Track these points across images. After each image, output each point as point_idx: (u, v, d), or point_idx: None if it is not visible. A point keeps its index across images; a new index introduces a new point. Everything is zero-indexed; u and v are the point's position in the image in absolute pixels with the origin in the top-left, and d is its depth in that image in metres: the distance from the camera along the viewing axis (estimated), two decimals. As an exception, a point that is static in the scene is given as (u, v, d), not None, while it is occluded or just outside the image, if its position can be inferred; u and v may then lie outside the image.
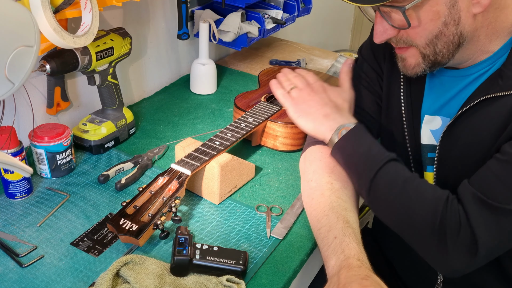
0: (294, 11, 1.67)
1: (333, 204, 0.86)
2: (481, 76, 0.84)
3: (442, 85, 0.91)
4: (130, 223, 0.84)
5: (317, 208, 0.87)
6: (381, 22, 0.82)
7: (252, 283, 0.83)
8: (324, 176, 0.92)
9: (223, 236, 0.93)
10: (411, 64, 0.85)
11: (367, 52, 1.04)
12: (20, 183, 0.97)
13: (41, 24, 0.86)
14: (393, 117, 0.98)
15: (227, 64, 1.68)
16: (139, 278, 0.79)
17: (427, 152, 0.94)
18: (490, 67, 0.83)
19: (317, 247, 0.97)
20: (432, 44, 0.80)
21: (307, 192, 0.93)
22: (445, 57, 0.82)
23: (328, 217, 0.83)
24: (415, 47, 0.82)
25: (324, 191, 0.89)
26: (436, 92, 0.92)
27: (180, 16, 1.41)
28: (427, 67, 0.84)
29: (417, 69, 0.85)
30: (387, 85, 0.99)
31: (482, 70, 0.84)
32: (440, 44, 0.80)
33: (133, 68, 1.38)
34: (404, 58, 0.86)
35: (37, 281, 0.81)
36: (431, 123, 0.93)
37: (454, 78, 0.88)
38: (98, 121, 1.16)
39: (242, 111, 1.22)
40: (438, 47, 0.80)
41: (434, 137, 0.92)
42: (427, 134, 0.93)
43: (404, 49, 0.84)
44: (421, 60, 0.83)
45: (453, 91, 0.89)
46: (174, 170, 0.96)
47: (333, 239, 0.79)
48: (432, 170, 0.92)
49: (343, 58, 1.75)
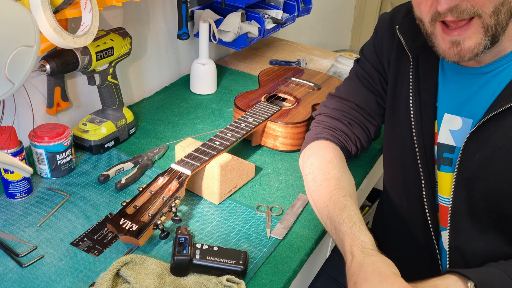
0: (294, 11, 1.67)
1: (332, 193, 0.89)
2: (499, 73, 0.83)
3: (458, 83, 0.89)
4: (130, 223, 0.84)
5: (319, 200, 0.90)
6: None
7: (252, 283, 0.83)
8: (321, 166, 0.94)
9: (223, 236, 0.93)
10: (470, 46, 0.78)
11: (369, 52, 1.04)
12: (20, 183, 0.97)
13: (41, 24, 0.86)
14: (400, 115, 0.97)
15: (227, 64, 1.68)
16: (139, 278, 0.79)
17: (443, 151, 0.92)
18: (508, 65, 0.82)
19: (317, 247, 0.97)
20: (497, 12, 0.75)
21: (307, 186, 0.95)
22: (503, 30, 0.78)
23: (328, 207, 0.87)
24: (479, 18, 0.76)
25: (322, 182, 0.92)
26: (452, 90, 0.90)
27: (180, 16, 1.41)
28: (489, 42, 0.78)
29: (478, 50, 0.78)
30: (392, 84, 0.99)
31: (500, 67, 0.83)
32: (503, 12, 0.76)
33: (133, 68, 1.38)
34: (459, 41, 0.78)
35: (37, 281, 0.81)
36: (451, 123, 0.90)
37: (470, 76, 0.87)
38: (98, 121, 1.16)
39: (242, 111, 1.22)
40: (501, 16, 0.76)
41: (453, 138, 0.90)
42: (445, 133, 0.91)
43: (466, 26, 0.77)
44: (483, 36, 0.77)
45: (471, 89, 0.87)
46: (174, 170, 0.96)
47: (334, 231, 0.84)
48: (450, 171, 0.91)
49: (343, 58, 1.75)
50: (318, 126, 1.06)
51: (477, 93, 0.86)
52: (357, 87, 1.05)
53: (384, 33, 1.00)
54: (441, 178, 0.93)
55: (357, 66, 1.07)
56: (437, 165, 0.94)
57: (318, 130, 1.04)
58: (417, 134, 0.93)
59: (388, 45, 0.99)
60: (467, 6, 0.75)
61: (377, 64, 1.02)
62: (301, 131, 1.18)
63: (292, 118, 1.18)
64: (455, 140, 0.90)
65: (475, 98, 0.87)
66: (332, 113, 1.05)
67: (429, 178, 0.94)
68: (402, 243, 1.06)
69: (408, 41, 0.92)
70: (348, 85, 1.08)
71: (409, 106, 0.94)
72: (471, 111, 0.88)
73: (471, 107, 0.87)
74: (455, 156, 0.90)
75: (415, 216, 0.99)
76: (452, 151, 0.91)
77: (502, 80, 0.83)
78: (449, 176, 0.91)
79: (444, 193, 0.93)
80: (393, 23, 0.97)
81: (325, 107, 1.08)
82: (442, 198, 0.94)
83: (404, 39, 0.93)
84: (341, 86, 1.10)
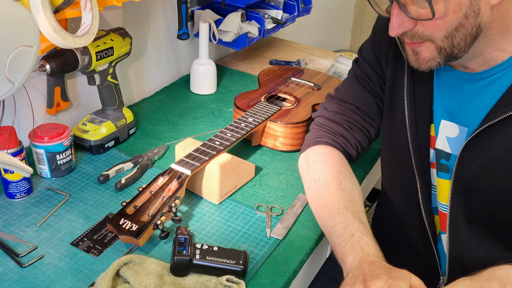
0: (294, 11, 1.67)
1: (346, 203, 0.87)
2: (494, 82, 0.82)
3: (453, 88, 0.88)
4: (130, 223, 0.84)
5: (330, 205, 0.88)
6: (398, 15, 0.77)
7: (252, 283, 0.83)
8: (333, 175, 0.93)
9: (223, 236, 0.93)
10: (425, 58, 0.81)
11: (367, 52, 1.03)
12: (20, 183, 0.97)
13: (41, 24, 0.86)
14: (397, 118, 0.96)
15: (227, 64, 1.68)
16: (139, 278, 0.79)
17: (440, 158, 0.92)
18: (504, 72, 0.81)
19: (317, 247, 0.97)
20: (450, 37, 0.77)
21: (315, 190, 0.93)
22: (462, 50, 0.79)
23: (344, 215, 0.85)
24: (431, 41, 0.79)
25: (335, 190, 0.90)
26: (446, 95, 0.90)
27: (180, 16, 1.41)
28: (443, 60, 0.80)
29: (431, 63, 0.81)
30: (390, 85, 0.98)
31: (496, 75, 0.82)
32: (458, 37, 0.77)
33: (133, 68, 1.38)
34: (417, 51, 0.82)
35: (37, 281, 0.81)
36: (447, 130, 0.90)
37: (465, 81, 0.86)
38: (98, 121, 1.16)
39: (242, 111, 1.22)
40: (456, 40, 0.77)
41: (449, 145, 0.90)
42: (442, 140, 0.91)
43: (418, 44, 0.80)
44: (437, 54, 0.79)
45: (466, 96, 0.86)
46: (174, 170, 0.96)
47: (350, 237, 0.80)
48: (447, 178, 0.91)
49: (343, 58, 1.75)
50: (318, 129, 1.05)
51: (472, 100, 0.86)
52: (356, 89, 1.05)
53: (382, 33, 0.99)
54: (440, 184, 0.93)
55: (356, 66, 1.07)
56: (436, 169, 0.94)
57: (319, 134, 1.03)
58: (412, 137, 0.93)
59: (386, 46, 0.98)
60: (418, 31, 0.78)
61: (375, 65, 1.02)
62: (301, 131, 1.18)
63: (292, 118, 1.18)
64: (451, 148, 0.90)
65: (470, 105, 0.86)
66: (332, 116, 1.05)
67: (424, 181, 0.94)
68: (400, 245, 1.06)
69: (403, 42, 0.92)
70: (348, 86, 1.07)
71: (404, 108, 0.94)
72: (467, 120, 0.87)
73: (467, 115, 0.87)
74: (451, 163, 0.90)
75: (413, 218, 0.98)
76: (448, 158, 0.91)
77: (497, 89, 0.82)
78: (447, 183, 0.92)
79: (443, 200, 0.94)
80: None
81: (325, 109, 1.07)
82: (441, 204, 0.95)
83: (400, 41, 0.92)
84: (340, 87, 1.09)
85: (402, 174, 0.97)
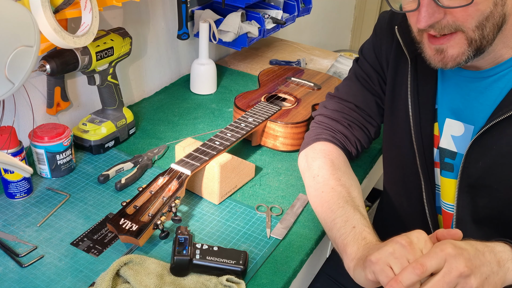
0: (294, 11, 1.67)
1: (346, 198, 0.87)
2: (500, 79, 0.82)
3: (458, 86, 0.88)
4: (130, 223, 0.84)
5: (330, 200, 0.88)
6: (429, 4, 0.74)
7: (252, 283, 0.83)
8: (331, 171, 0.93)
9: (223, 236, 0.93)
10: (453, 54, 0.78)
11: (368, 52, 1.03)
12: (20, 183, 0.97)
13: (41, 24, 0.86)
14: (399, 118, 0.96)
15: (227, 64, 1.68)
16: (139, 278, 0.79)
17: (444, 156, 0.92)
18: (510, 70, 0.81)
19: (317, 247, 0.97)
20: (481, 27, 0.74)
21: (314, 187, 0.94)
22: (489, 42, 0.77)
23: (344, 209, 0.85)
24: (462, 32, 0.76)
25: (335, 186, 0.90)
26: (451, 93, 0.89)
27: (180, 16, 1.41)
28: (472, 54, 0.77)
29: (459, 59, 0.78)
30: (391, 85, 0.98)
31: (500, 73, 0.82)
32: (488, 27, 0.75)
33: (133, 68, 1.38)
34: (443, 49, 0.78)
35: (37, 281, 0.81)
36: (452, 128, 0.89)
37: (470, 79, 0.86)
38: (98, 121, 1.16)
39: (242, 111, 1.22)
40: (486, 30, 0.75)
41: (454, 144, 0.90)
42: (447, 138, 0.91)
43: (448, 37, 0.77)
44: (467, 47, 0.77)
45: (472, 94, 0.86)
46: (174, 170, 0.96)
47: (351, 229, 0.80)
48: (453, 177, 0.91)
49: (343, 58, 1.75)
50: (318, 127, 1.05)
51: (477, 98, 0.85)
52: (356, 88, 1.05)
53: (383, 33, 0.99)
54: (444, 184, 0.93)
55: (356, 66, 1.07)
56: (439, 169, 0.93)
57: (318, 131, 1.04)
58: (416, 136, 0.93)
59: (387, 45, 0.98)
60: (448, 22, 0.75)
61: (375, 65, 1.02)
62: (301, 131, 1.18)
63: (292, 118, 1.19)
64: (457, 146, 0.90)
65: (475, 103, 0.86)
66: (332, 114, 1.05)
67: (428, 180, 0.93)
68: None
69: (406, 42, 0.91)
70: (348, 85, 1.07)
71: (408, 107, 0.93)
72: (472, 117, 0.87)
73: (472, 113, 0.87)
74: (456, 162, 0.90)
75: (416, 218, 0.98)
76: (453, 157, 0.90)
77: (503, 86, 0.82)
78: (452, 183, 0.91)
79: (448, 200, 0.93)
80: (392, 23, 0.97)
81: (325, 108, 1.08)
82: (445, 204, 0.94)
83: (402, 40, 0.92)
84: (341, 86, 1.09)
85: (405, 173, 0.97)
